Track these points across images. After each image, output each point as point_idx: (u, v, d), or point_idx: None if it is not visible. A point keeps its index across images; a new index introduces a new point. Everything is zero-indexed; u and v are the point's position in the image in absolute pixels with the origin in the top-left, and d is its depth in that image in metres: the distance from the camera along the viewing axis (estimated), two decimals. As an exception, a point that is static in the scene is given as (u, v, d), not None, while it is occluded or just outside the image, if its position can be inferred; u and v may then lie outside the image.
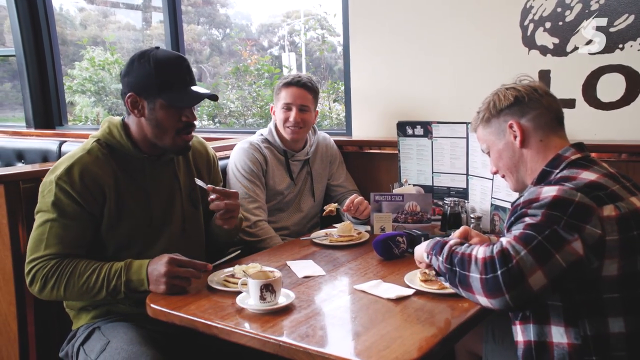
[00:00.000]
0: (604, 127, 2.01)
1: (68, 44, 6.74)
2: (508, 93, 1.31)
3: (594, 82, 2.00)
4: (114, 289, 1.44)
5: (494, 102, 1.33)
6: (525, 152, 1.30)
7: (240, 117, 5.22)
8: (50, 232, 1.45)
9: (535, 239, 1.05)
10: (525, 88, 1.31)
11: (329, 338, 1.20)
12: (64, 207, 1.45)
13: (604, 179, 1.15)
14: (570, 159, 1.23)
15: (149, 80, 1.49)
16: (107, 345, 1.43)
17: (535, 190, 1.13)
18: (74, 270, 1.44)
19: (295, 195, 2.27)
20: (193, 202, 1.71)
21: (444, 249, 1.20)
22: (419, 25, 2.34)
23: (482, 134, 1.38)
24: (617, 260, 1.08)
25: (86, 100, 5.82)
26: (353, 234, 1.90)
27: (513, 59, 2.14)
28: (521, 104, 1.29)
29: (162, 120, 1.51)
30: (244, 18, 9.73)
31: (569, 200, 1.08)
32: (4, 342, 1.80)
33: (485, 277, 1.06)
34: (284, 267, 1.64)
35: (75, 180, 1.46)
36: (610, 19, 1.95)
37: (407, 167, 2.26)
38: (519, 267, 1.03)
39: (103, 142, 1.55)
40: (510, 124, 1.30)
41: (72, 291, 1.45)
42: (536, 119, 1.29)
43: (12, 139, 3.32)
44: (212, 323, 1.27)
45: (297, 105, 2.14)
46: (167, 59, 1.51)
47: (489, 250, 1.08)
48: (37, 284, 1.45)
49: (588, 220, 1.06)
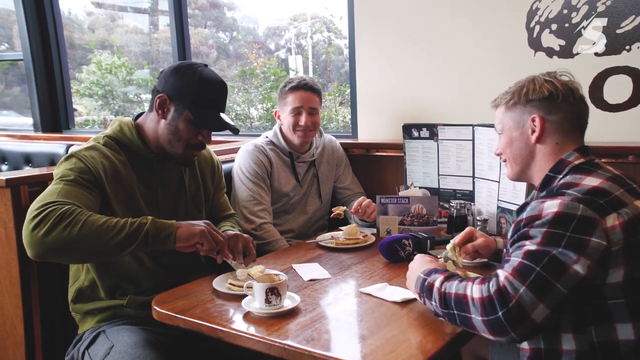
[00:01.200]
0: (611, 129, 1.99)
1: (76, 47, 6.79)
2: (545, 85, 1.25)
3: (600, 83, 1.99)
4: (137, 228, 1.36)
5: (527, 90, 1.27)
6: (539, 148, 1.28)
7: (247, 120, 5.23)
8: (65, 187, 1.41)
9: (533, 272, 1.03)
10: (563, 86, 1.25)
11: (334, 341, 1.19)
12: (80, 172, 1.45)
13: (607, 184, 1.13)
14: (573, 163, 1.22)
15: (187, 91, 1.53)
16: (111, 349, 1.43)
17: (537, 206, 1.11)
18: (92, 215, 1.36)
19: (301, 197, 2.27)
20: (197, 205, 1.73)
21: (432, 293, 1.19)
22: (424, 28, 2.34)
23: (502, 115, 1.34)
24: (622, 267, 1.06)
25: (93, 104, 5.86)
26: (359, 237, 1.89)
27: (519, 61, 2.13)
28: (553, 101, 1.25)
29: (181, 131, 1.56)
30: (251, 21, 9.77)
31: (571, 215, 1.06)
32: (10, 345, 1.81)
33: (487, 318, 1.05)
34: (290, 270, 1.64)
35: (94, 157, 1.49)
36: (616, 20, 1.94)
37: (413, 169, 2.25)
38: (519, 306, 1.02)
39: (114, 139, 1.58)
40: (534, 117, 1.26)
41: (90, 229, 1.32)
42: (561, 121, 1.25)
43: (19, 142, 3.34)
44: (218, 326, 1.27)
45: (307, 108, 2.14)
46: (212, 79, 1.57)
47: (485, 289, 1.06)
48: (47, 224, 1.30)
49: (592, 233, 1.05)
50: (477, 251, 1.57)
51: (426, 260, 1.36)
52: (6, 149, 3.19)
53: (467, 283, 1.12)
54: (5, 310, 1.80)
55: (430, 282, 1.21)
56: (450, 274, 1.22)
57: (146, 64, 6.54)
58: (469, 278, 1.16)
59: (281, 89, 2.20)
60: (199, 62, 1.60)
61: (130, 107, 5.87)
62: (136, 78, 5.90)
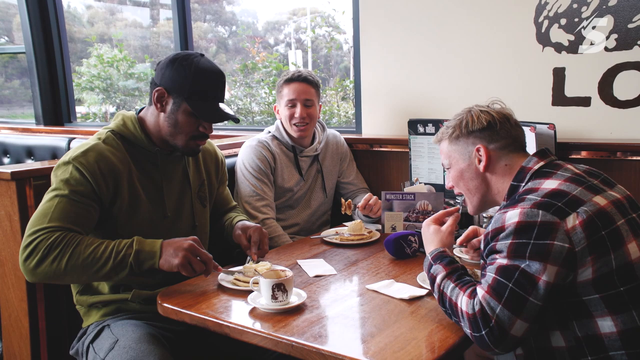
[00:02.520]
0: (620, 125, 1.98)
1: (75, 41, 6.76)
2: (482, 116, 1.32)
3: (610, 79, 1.97)
4: (121, 260, 1.39)
5: (466, 122, 1.33)
6: (489, 176, 1.32)
7: (248, 115, 5.22)
8: (57, 206, 1.41)
9: (507, 289, 1.07)
10: (499, 115, 1.32)
11: (342, 339, 1.19)
12: (76, 185, 1.44)
13: (565, 184, 1.16)
14: (533, 169, 1.25)
15: (184, 83, 1.51)
16: (115, 343, 1.43)
17: (500, 218, 1.14)
18: (81, 242, 1.39)
19: (305, 192, 2.26)
20: (201, 200, 1.72)
21: (434, 286, 1.24)
22: (430, 22, 2.32)
23: (447, 150, 1.38)
24: (589, 265, 1.08)
25: (94, 97, 5.84)
26: (364, 233, 1.88)
27: (527, 56, 2.11)
28: (492, 130, 1.31)
29: (181, 123, 1.54)
30: (250, 15, 9.73)
31: (532, 223, 1.09)
32: (15, 338, 1.81)
33: (474, 334, 1.10)
34: (295, 266, 1.63)
35: (90, 162, 1.46)
36: (628, 15, 1.92)
37: (418, 165, 2.24)
38: (498, 325, 1.07)
39: (117, 133, 1.56)
40: (478, 147, 1.31)
41: (75, 264, 1.37)
42: (503, 147, 1.31)
43: (21, 135, 3.33)
44: (224, 322, 1.26)
45: (302, 100, 2.13)
46: (208, 69, 1.54)
47: (470, 307, 1.11)
48: (36, 256, 1.36)
49: (553, 237, 1.07)
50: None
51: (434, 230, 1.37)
52: (8, 142, 3.17)
53: (459, 292, 1.16)
54: (10, 303, 1.79)
55: (433, 273, 1.25)
56: (452, 269, 1.23)
57: (148, 57, 6.52)
58: (464, 283, 1.18)
59: (277, 83, 2.19)
60: (196, 52, 1.57)
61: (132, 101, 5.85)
62: (137, 72, 5.88)
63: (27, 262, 1.37)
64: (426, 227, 1.40)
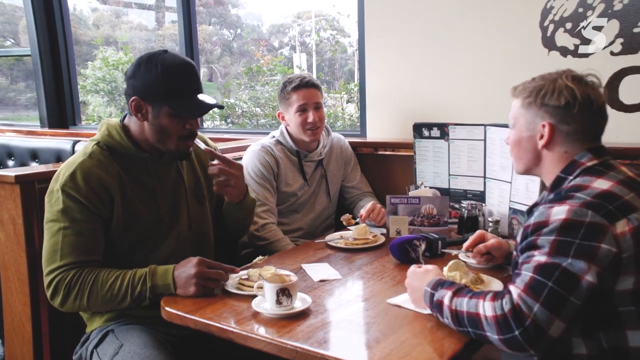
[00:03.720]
0: (626, 129, 1.96)
1: (81, 43, 6.79)
2: (564, 92, 1.19)
3: (616, 83, 1.96)
4: (139, 295, 1.43)
5: (544, 93, 1.21)
6: (545, 154, 1.25)
7: (253, 118, 5.22)
8: (64, 241, 1.43)
9: (546, 287, 1.02)
10: (583, 95, 1.19)
11: (347, 345, 1.18)
12: (73, 213, 1.43)
13: (617, 187, 1.11)
14: (585, 165, 1.19)
15: (156, 87, 1.46)
16: (120, 348, 1.42)
17: (545, 212, 1.09)
18: (97, 279, 1.43)
19: (309, 197, 2.25)
20: (198, 199, 1.69)
21: (444, 310, 1.16)
22: (436, 25, 2.31)
23: (516, 110, 1.29)
24: (633, 274, 1.05)
25: (99, 100, 5.86)
26: (369, 237, 1.87)
27: (532, 60, 2.10)
28: (568, 111, 1.19)
29: (166, 127, 1.49)
30: (255, 18, 9.75)
31: (579, 222, 1.05)
32: (18, 342, 1.80)
33: (503, 337, 1.04)
34: (299, 270, 1.62)
35: (80, 185, 1.44)
36: (633, 19, 1.90)
37: (423, 169, 2.23)
38: (535, 324, 1.01)
39: (103, 145, 1.53)
40: (544, 124, 1.22)
41: (96, 300, 1.43)
42: (573, 132, 1.21)
43: (26, 138, 3.33)
44: (228, 327, 1.26)
45: (312, 104, 2.13)
46: (175, 65, 1.48)
47: (498, 307, 1.05)
48: (59, 295, 1.43)
49: (601, 239, 1.03)
50: (491, 253, 1.55)
51: (422, 272, 1.31)
52: (13, 145, 3.18)
53: (477, 300, 1.10)
54: (13, 308, 1.79)
55: (438, 299, 1.18)
56: (458, 287, 1.18)
57: (152, 60, 6.51)
58: (479, 293, 1.13)
59: (282, 90, 2.18)
60: (159, 50, 1.50)
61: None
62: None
63: (53, 300, 1.46)
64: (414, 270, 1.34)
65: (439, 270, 1.33)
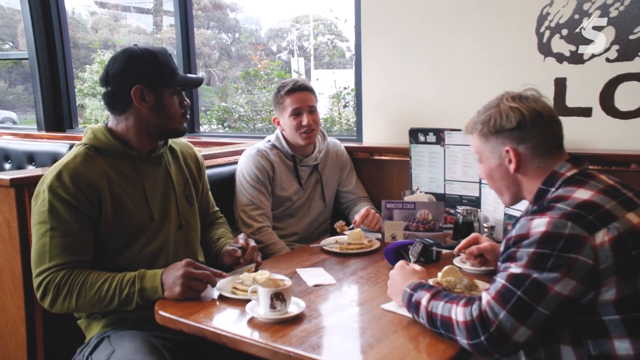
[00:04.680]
0: (621, 136, 1.97)
1: (80, 47, 6.79)
2: (511, 115, 1.23)
3: (611, 90, 1.97)
4: (126, 297, 1.43)
5: (494, 120, 1.25)
6: (520, 177, 1.27)
7: (250, 122, 5.22)
8: (52, 242, 1.43)
9: (514, 296, 1.05)
10: (530, 111, 1.22)
11: (340, 349, 1.18)
12: (60, 214, 1.43)
13: (598, 197, 1.11)
14: (565, 175, 1.20)
15: (155, 71, 1.54)
16: (111, 354, 1.42)
17: (526, 225, 1.11)
18: (86, 280, 1.43)
19: (305, 202, 2.25)
20: (187, 199, 1.70)
21: (420, 311, 1.21)
22: (432, 31, 2.32)
23: (477, 145, 1.32)
24: (614, 285, 1.04)
25: (96, 104, 5.86)
26: (364, 242, 1.88)
27: (528, 67, 2.11)
28: (522, 130, 1.22)
29: (170, 107, 1.57)
30: (254, 23, 9.77)
31: (558, 235, 1.05)
32: (12, 345, 1.80)
33: (472, 342, 1.09)
34: (294, 275, 1.62)
35: (67, 184, 1.44)
36: (629, 26, 1.92)
37: (418, 174, 2.23)
38: (500, 330, 1.05)
39: (89, 146, 1.54)
40: (507, 149, 1.24)
41: (84, 301, 1.43)
42: (535, 147, 1.23)
43: (23, 141, 3.33)
44: (222, 332, 1.25)
45: (306, 108, 2.14)
46: (157, 51, 1.59)
47: (468, 313, 1.10)
48: (49, 296, 1.43)
49: (579, 252, 1.04)
50: (484, 256, 1.55)
51: (409, 271, 1.36)
52: (9, 148, 3.17)
53: (452, 305, 1.14)
54: (7, 310, 1.78)
55: (417, 299, 1.23)
56: (436, 290, 1.23)
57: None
58: (455, 298, 1.16)
59: (276, 95, 2.19)
60: (130, 46, 1.59)
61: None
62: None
63: (42, 301, 1.46)
64: (401, 266, 1.38)
65: (424, 275, 1.36)
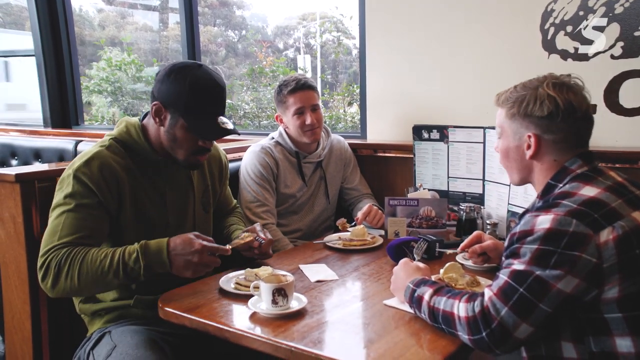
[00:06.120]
0: (626, 133, 1.96)
1: (86, 44, 6.82)
2: (546, 103, 1.19)
3: (616, 87, 1.96)
4: (131, 272, 1.39)
5: (527, 103, 1.21)
6: (535, 164, 1.25)
7: (255, 119, 5.23)
8: (65, 222, 1.41)
9: (517, 293, 1.05)
10: (565, 104, 1.18)
11: (342, 345, 1.18)
12: (80, 197, 1.43)
13: (604, 194, 1.10)
14: (575, 172, 1.18)
15: (179, 98, 1.47)
16: (113, 349, 1.42)
17: (531, 221, 1.10)
18: (87, 255, 1.39)
19: (308, 198, 2.26)
20: (204, 206, 1.71)
21: (422, 306, 1.21)
22: (436, 28, 2.31)
23: (501, 120, 1.29)
24: (617, 283, 1.04)
25: (102, 100, 5.89)
26: (366, 238, 1.88)
27: (532, 63, 2.10)
28: (551, 121, 1.19)
29: (180, 139, 1.51)
30: (260, 20, 9.77)
31: (563, 232, 1.05)
32: (18, 340, 1.82)
33: (473, 337, 1.09)
34: (297, 271, 1.63)
35: (94, 172, 1.45)
36: (634, 23, 1.90)
37: (422, 171, 2.23)
38: (501, 327, 1.05)
39: (120, 141, 1.55)
40: (530, 135, 1.22)
41: (87, 278, 1.37)
42: (559, 140, 1.20)
43: (29, 137, 3.36)
44: (224, 326, 1.26)
45: (309, 106, 2.14)
46: (204, 83, 1.48)
47: (470, 309, 1.10)
48: (50, 276, 1.38)
49: (583, 250, 1.03)
50: (487, 254, 1.55)
51: (412, 268, 1.36)
52: (16, 144, 3.20)
53: (454, 301, 1.14)
54: (13, 305, 1.80)
55: (419, 294, 1.23)
56: (439, 286, 1.23)
57: (156, 61, 6.56)
58: (457, 294, 1.17)
59: (278, 94, 2.19)
60: (194, 63, 1.51)
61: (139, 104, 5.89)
62: (145, 75, 5.92)
63: (44, 282, 1.40)
64: (405, 263, 1.38)
65: (428, 272, 1.36)
